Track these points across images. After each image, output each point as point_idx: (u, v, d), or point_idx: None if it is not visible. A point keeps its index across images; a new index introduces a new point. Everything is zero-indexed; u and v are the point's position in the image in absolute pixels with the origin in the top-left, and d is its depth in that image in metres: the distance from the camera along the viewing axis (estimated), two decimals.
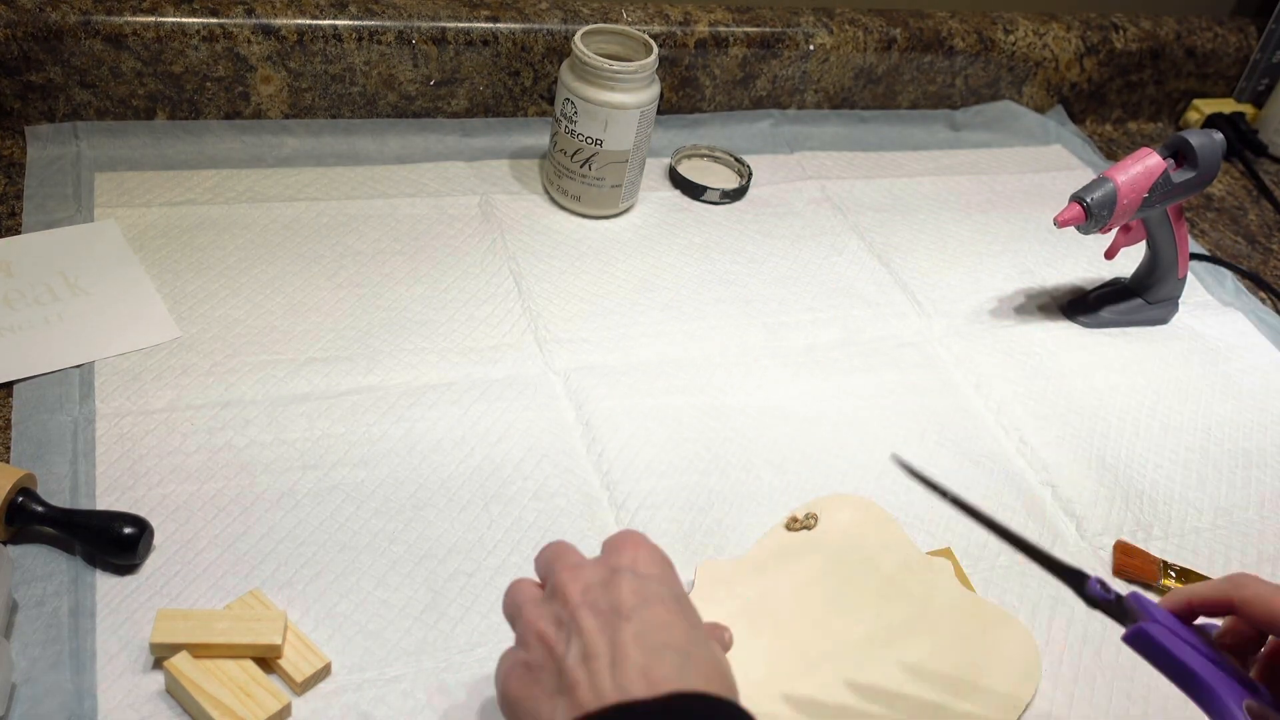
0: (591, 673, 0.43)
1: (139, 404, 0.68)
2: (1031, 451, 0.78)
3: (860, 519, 0.68)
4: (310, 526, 0.63)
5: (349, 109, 0.97)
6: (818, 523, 0.67)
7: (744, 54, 1.05)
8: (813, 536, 0.67)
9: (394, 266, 0.84)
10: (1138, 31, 1.22)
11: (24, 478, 0.59)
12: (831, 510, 0.68)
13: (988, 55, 1.15)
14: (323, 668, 0.56)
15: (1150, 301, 0.92)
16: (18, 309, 0.73)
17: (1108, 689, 0.63)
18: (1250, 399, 0.87)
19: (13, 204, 0.82)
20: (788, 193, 1.02)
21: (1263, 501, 0.78)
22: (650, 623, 0.44)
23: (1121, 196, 0.82)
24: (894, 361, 0.84)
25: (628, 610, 0.45)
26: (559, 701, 0.43)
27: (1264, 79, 1.29)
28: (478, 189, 0.94)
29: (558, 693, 0.43)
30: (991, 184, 1.09)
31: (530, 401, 0.74)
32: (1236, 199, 1.17)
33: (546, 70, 1.00)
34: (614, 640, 0.43)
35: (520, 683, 0.45)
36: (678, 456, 0.72)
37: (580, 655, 0.43)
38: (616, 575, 0.46)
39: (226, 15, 0.89)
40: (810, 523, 0.67)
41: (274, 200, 0.87)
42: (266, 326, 0.76)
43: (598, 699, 0.42)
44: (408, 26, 0.94)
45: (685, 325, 0.83)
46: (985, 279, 0.96)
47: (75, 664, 0.54)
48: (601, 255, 0.89)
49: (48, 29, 0.84)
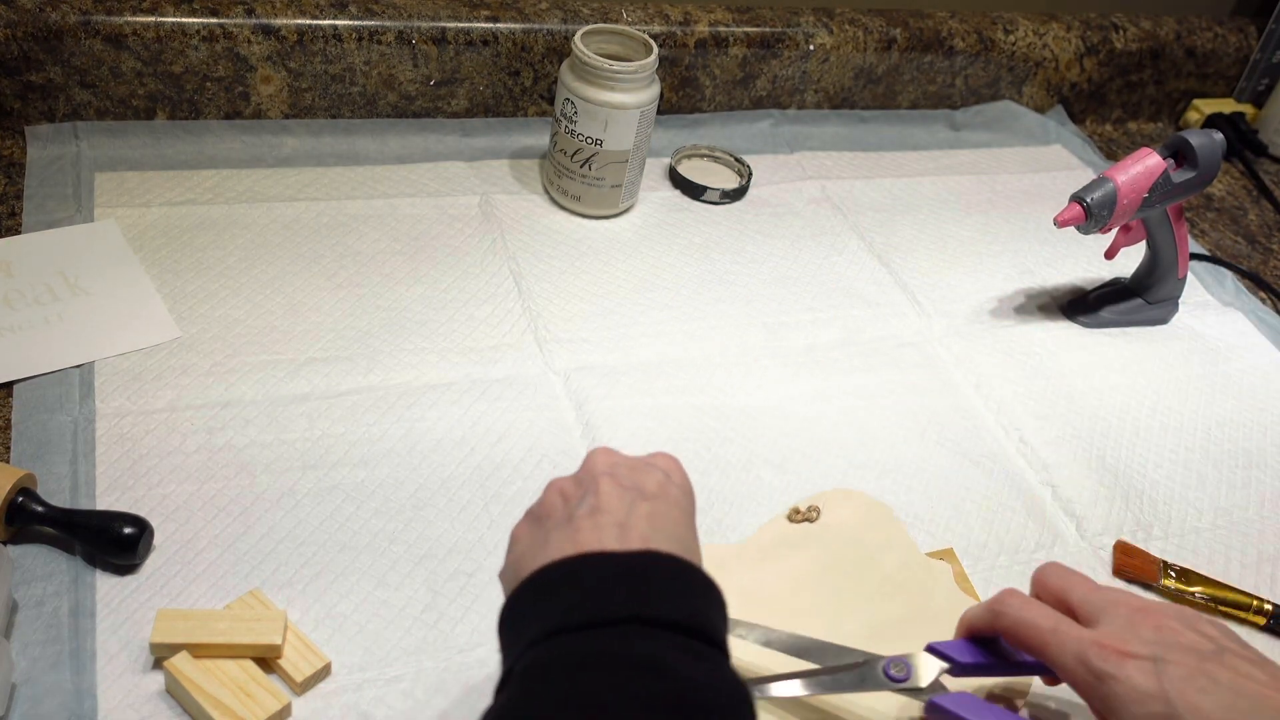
0: (598, 525, 0.43)
1: (139, 404, 0.68)
2: (1031, 451, 0.78)
3: (863, 515, 0.68)
4: (310, 526, 0.63)
5: (349, 109, 0.97)
6: (820, 516, 0.67)
7: (744, 54, 1.05)
8: (813, 529, 0.67)
9: (394, 266, 0.84)
10: (1138, 31, 1.22)
11: (24, 478, 0.59)
12: (835, 505, 0.68)
13: (988, 55, 1.15)
14: (323, 668, 0.56)
15: (1150, 301, 0.92)
16: (18, 309, 0.73)
17: None
18: (1250, 399, 0.87)
19: (13, 204, 0.82)
20: (788, 193, 1.02)
21: (1263, 501, 0.78)
22: (664, 513, 0.45)
23: (1121, 196, 0.82)
24: (894, 361, 0.84)
25: (648, 494, 0.46)
26: (555, 535, 0.44)
27: (1264, 79, 1.29)
28: (478, 189, 0.94)
29: (556, 530, 0.44)
30: (991, 184, 1.09)
31: (530, 401, 0.74)
32: (1236, 199, 1.17)
33: (546, 70, 1.00)
34: (628, 508, 0.44)
35: (524, 526, 0.47)
36: (677, 456, 0.72)
37: (591, 508, 0.44)
38: (649, 467, 0.48)
39: (226, 15, 0.89)
40: (812, 515, 0.67)
41: (274, 200, 0.87)
42: (266, 326, 0.76)
43: (599, 544, 0.42)
44: (408, 26, 0.94)
45: (685, 325, 0.83)
46: (985, 279, 0.96)
47: (75, 664, 0.54)
48: (601, 255, 0.89)
49: (48, 29, 0.84)
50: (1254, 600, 0.68)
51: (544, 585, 0.42)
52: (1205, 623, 0.49)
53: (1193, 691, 0.45)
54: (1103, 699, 0.46)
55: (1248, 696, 0.45)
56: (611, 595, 0.40)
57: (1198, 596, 0.68)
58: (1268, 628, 0.68)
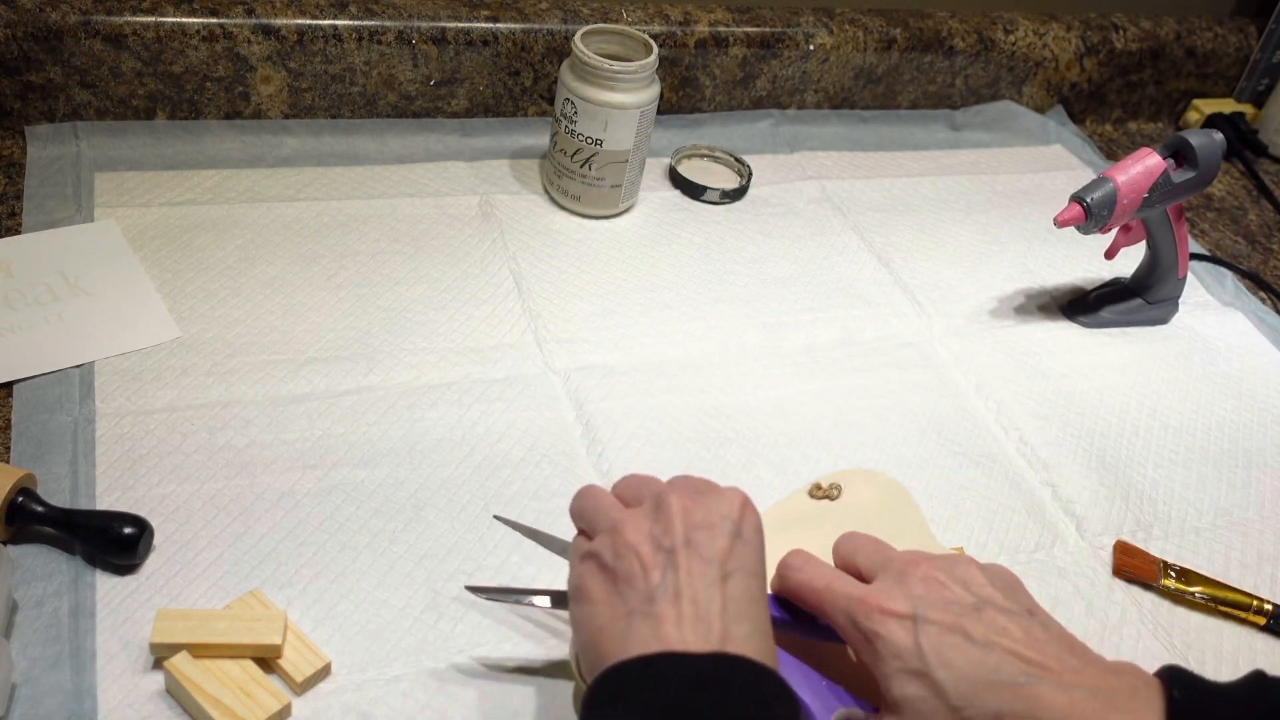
0: (680, 615, 0.44)
1: (139, 404, 0.68)
2: (1031, 451, 0.78)
3: (884, 498, 0.69)
4: (310, 526, 0.63)
5: (349, 109, 0.97)
6: (840, 494, 0.68)
7: (744, 54, 1.05)
8: (833, 507, 0.67)
9: (394, 266, 0.84)
10: (1138, 31, 1.22)
11: (24, 478, 0.59)
12: (857, 484, 0.69)
13: (988, 55, 1.15)
14: (323, 668, 0.56)
15: (1150, 301, 0.92)
16: (18, 309, 0.73)
17: None
18: (1250, 399, 0.87)
19: (13, 204, 0.82)
20: (788, 193, 1.02)
21: (1263, 501, 0.78)
22: (742, 591, 0.46)
23: (1121, 196, 0.82)
24: (894, 361, 0.84)
25: (728, 569, 0.46)
26: (638, 623, 0.45)
27: (1264, 79, 1.29)
28: (478, 189, 0.94)
29: (639, 615, 0.45)
30: (991, 184, 1.09)
31: (530, 401, 0.74)
32: (1236, 199, 1.17)
33: (546, 70, 1.00)
34: (708, 594, 0.45)
35: (601, 587, 0.47)
36: (678, 456, 0.72)
37: (673, 592, 0.45)
38: (724, 523, 0.48)
39: (226, 15, 0.89)
40: (834, 493, 0.68)
41: (274, 200, 0.87)
42: (266, 326, 0.76)
43: (680, 640, 0.44)
44: (408, 26, 0.94)
45: (685, 325, 0.83)
46: (985, 279, 0.96)
47: (75, 664, 0.54)
48: (601, 255, 0.89)
49: (48, 29, 0.84)
50: (1254, 600, 0.68)
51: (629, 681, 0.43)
52: (976, 572, 0.50)
53: (946, 648, 0.46)
54: (870, 656, 0.48)
55: (996, 653, 0.46)
56: (689, 707, 0.42)
57: (1198, 596, 0.68)
58: (1268, 628, 0.68)
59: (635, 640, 0.44)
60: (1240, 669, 0.65)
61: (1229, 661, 0.66)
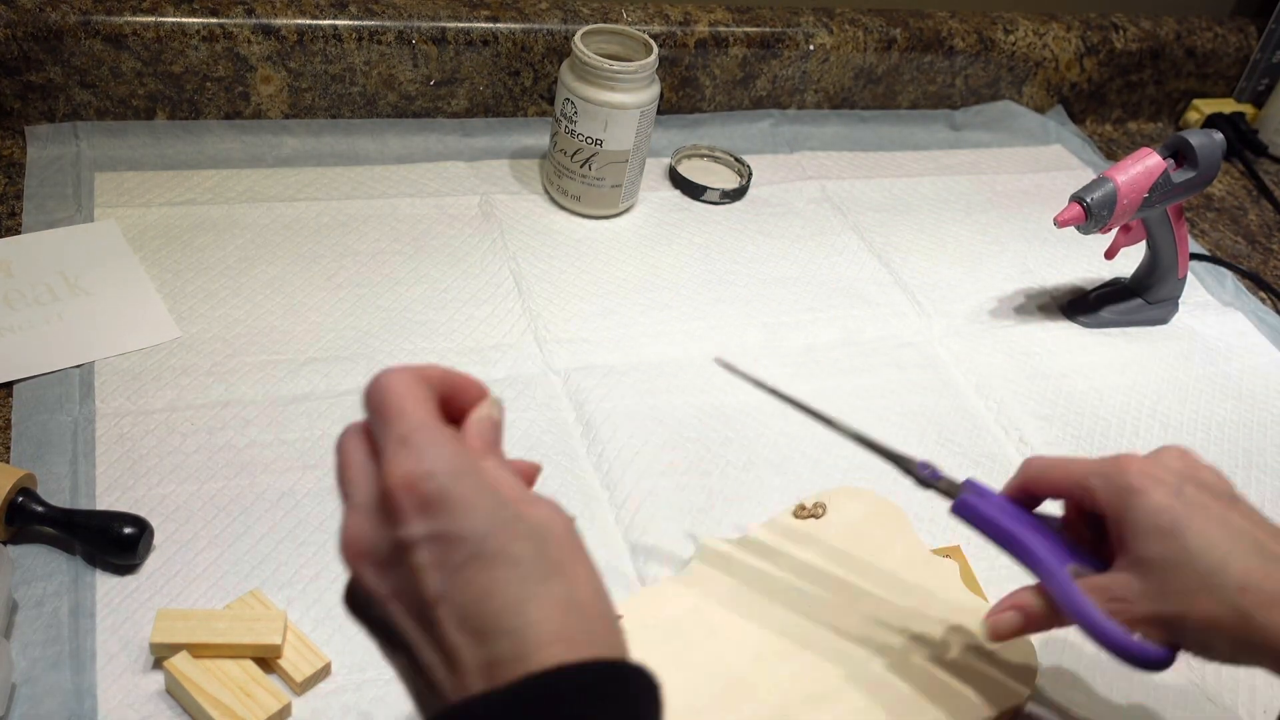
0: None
1: (139, 404, 0.68)
2: (1031, 451, 0.78)
3: (869, 514, 0.68)
4: (310, 526, 0.63)
5: (349, 109, 0.97)
6: (825, 513, 0.67)
7: (744, 54, 1.05)
8: (818, 526, 0.67)
9: (394, 266, 0.84)
10: (1138, 31, 1.22)
11: (24, 478, 0.59)
12: (841, 502, 0.68)
13: (988, 55, 1.15)
14: (323, 668, 0.56)
15: (1150, 301, 0.92)
16: (18, 309, 0.73)
17: (1107, 689, 0.63)
18: (1250, 399, 0.87)
19: (13, 204, 0.82)
20: (788, 193, 1.01)
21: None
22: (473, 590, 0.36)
23: (1121, 196, 0.82)
24: (894, 361, 0.84)
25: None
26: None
27: (1264, 79, 1.29)
28: (478, 189, 0.94)
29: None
30: (991, 184, 1.09)
31: (530, 401, 0.74)
32: (1236, 199, 1.17)
33: (546, 70, 1.00)
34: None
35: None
36: (678, 456, 0.72)
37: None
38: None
39: (226, 15, 0.89)
40: (818, 512, 0.67)
41: (274, 200, 0.87)
42: (266, 326, 0.76)
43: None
44: (408, 26, 0.94)
45: (685, 325, 0.83)
46: (985, 279, 0.96)
47: (75, 664, 0.54)
48: (601, 255, 0.89)
49: (48, 29, 0.84)
50: None
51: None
52: (1215, 472, 0.53)
53: (1205, 517, 0.49)
54: (1122, 513, 0.50)
55: (1249, 534, 0.49)
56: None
57: None
58: None
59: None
60: (1239, 669, 0.65)
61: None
